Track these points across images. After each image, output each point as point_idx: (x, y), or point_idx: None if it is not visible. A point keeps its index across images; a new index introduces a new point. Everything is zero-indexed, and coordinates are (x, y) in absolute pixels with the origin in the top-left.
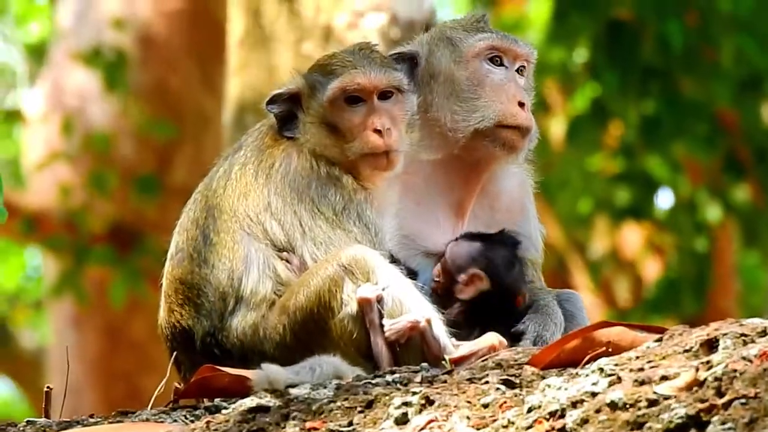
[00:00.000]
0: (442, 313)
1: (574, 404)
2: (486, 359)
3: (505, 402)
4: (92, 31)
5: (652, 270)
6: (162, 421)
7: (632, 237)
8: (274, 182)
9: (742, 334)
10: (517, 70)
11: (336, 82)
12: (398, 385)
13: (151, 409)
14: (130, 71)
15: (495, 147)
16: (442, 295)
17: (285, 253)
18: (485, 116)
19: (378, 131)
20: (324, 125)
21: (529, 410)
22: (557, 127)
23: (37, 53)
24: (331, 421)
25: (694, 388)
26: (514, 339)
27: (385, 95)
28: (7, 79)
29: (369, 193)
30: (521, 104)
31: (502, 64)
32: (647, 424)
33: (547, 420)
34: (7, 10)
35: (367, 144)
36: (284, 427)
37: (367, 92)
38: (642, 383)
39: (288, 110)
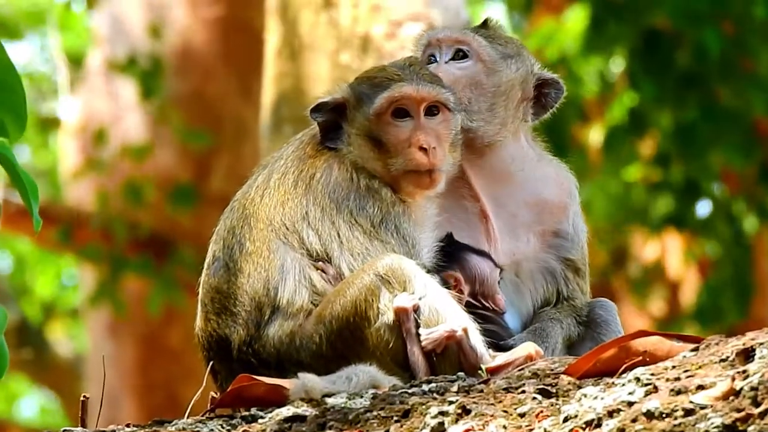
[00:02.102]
0: (479, 323)
1: (611, 413)
2: (522, 369)
3: (541, 411)
4: (128, 39)
5: (689, 281)
6: (198, 431)
7: (670, 248)
8: (313, 192)
9: None
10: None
11: (384, 93)
12: (435, 395)
13: (188, 418)
14: (166, 79)
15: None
16: None
17: (320, 263)
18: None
19: (423, 149)
20: (368, 138)
21: (566, 419)
22: (595, 137)
23: (74, 62)
24: (367, 431)
25: (731, 398)
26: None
27: (431, 111)
28: (44, 88)
29: (407, 205)
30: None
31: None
32: None
33: (584, 429)
34: (45, 19)
35: (411, 161)
36: None
37: (414, 106)
38: (678, 393)
39: (332, 120)
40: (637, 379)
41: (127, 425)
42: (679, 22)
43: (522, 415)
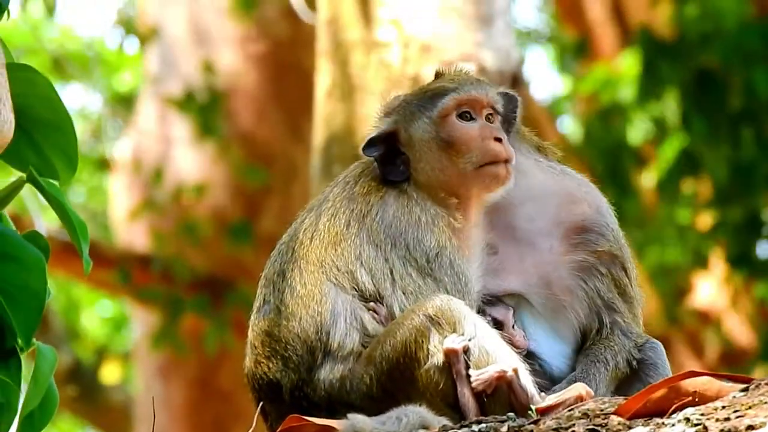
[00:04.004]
0: (528, 364)
1: None
2: (572, 409)
3: None
4: (180, 78)
5: (744, 323)
6: None
7: (725, 290)
8: (367, 230)
9: None
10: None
11: (451, 94)
12: None
13: None
14: (219, 118)
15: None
16: None
17: (372, 304)
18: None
19: (498, 139)
20: (435, 143)
21: None
22: (648, 181)
23: (126, 102)
24: None
25: None
26: None
27: (488, 118)
28: (95, 129)
29: (461, 239)
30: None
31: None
32: None
33: None
34: (95, 60)
35: (489, 152)
36: None
37: (478, 109)
38: None
39: (386, 152)
40: (687, 420)
41: None
42: (730, 62)
43: None
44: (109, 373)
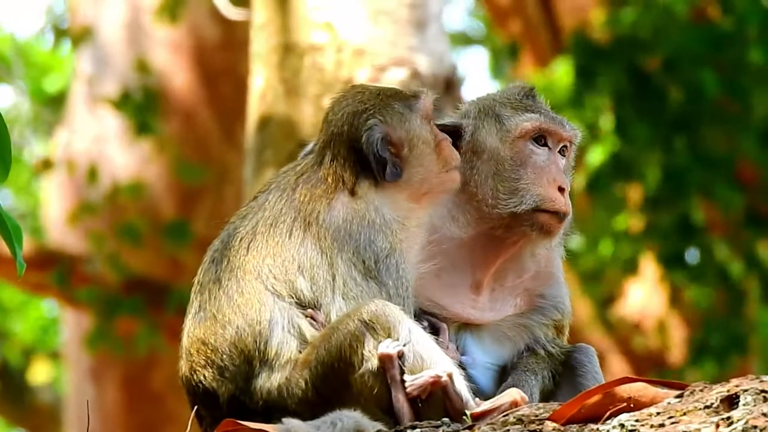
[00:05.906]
0: (463, 369)
1: None
2: (507, 414)
3: None
4: (113, 78)
5: (675, 328)
6: None
7: (655, 295)
8: (313, 236)
9: (762, 391)
10: (559, 151)
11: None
12: None
13: None
14: (155, 118)
15: (532, 230)
16: None
17: (309, 311)
18: (524, 199)
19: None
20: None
21: None
22: (578, 184)
23: (57, 103)
24: None
25: None
26: None
27: None
28: (24, 130)
29: (409, 242)
30: (561, 189)
31: (545, 145)
32: None
33: None
34: (21, 61)
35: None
36: None
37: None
38: None
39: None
40: (622, 426)
41: None
42: (674, 63)
43: None
44: (38, 374)
